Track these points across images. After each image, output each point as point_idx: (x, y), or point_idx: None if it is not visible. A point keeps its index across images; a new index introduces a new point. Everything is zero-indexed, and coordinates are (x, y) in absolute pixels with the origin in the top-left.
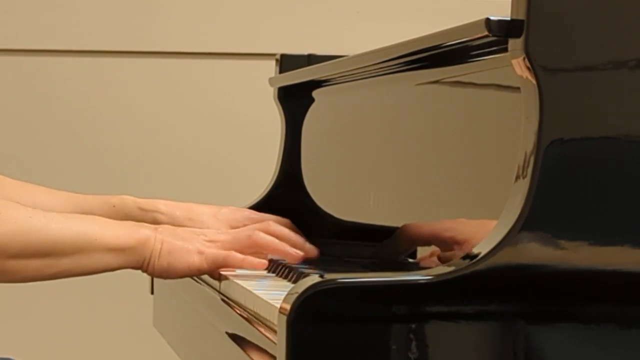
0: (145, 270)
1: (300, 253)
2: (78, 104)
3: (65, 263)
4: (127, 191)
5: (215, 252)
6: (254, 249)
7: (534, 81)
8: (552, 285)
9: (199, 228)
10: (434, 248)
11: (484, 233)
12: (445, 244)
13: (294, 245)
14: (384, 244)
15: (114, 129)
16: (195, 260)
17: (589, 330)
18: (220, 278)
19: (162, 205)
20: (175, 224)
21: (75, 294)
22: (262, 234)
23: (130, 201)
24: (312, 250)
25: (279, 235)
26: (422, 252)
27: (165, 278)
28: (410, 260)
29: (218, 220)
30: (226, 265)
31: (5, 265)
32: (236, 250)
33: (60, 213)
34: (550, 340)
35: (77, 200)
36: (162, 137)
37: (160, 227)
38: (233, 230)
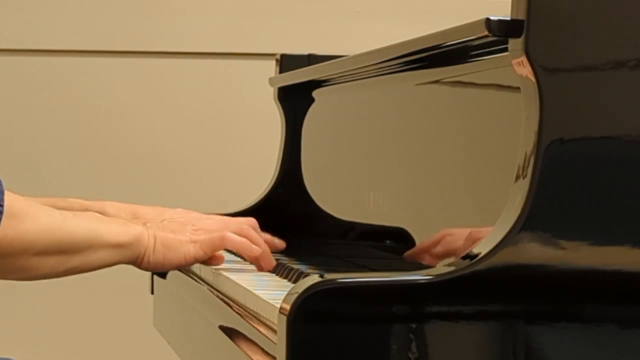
0: (139, 265)
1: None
2: (78, 104)
3: (76, 260)
4: (127, 191)
5: (209, 236)
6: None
7: (534, 81)
8: (552, 285)
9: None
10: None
11: None
12: None
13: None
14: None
15: (114, 129)
16: (190, 250)
17: (589, 330)
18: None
19: (109, 207)
20: None
21: (75, 294)
22: (252, 231)
23: (77, 204)
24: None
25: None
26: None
27: (160, 271)
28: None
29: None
30: (223, 246)
31: (28, 262)
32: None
33: (69, 211)
34: (550, 340)
35: None
36: (162, 137)
37: (149, 222)
38: (220, 218)
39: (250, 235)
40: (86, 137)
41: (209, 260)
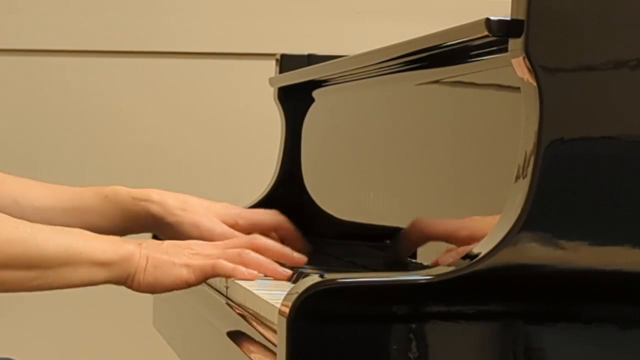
0: (130, 286)
1: (289, 272)
2: (78, 104)
3: (50, 275)
4: None
5: (202, 262)
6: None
7: (534, 81)
8: (552, 285)
9: (191, 220)
10: (436, 248)
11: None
12: (461, 242)
13: (282, 256)
14: (394, 241)
15: (113, 129)
16: (183, 273)
17: (589, 330)
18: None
19: (155, 194)
20: (168, 213)
21: (75, 294)
22: (252, 254)
23: (122, 191)
24: (300, 259)
25: (268, 249)
26: (423, 252)
27: (151, 293)
28: (412, 260)
29: (210, 213)
30: (215, 274)
31: None
32: None
33: (46, 225)
34: (550, 340)
35: (70, 193)
36: (162, 137)
37: (145, 242)
38: (221, 243)
39: (247, 261)
40: (86, 137)
41: (232, 273)
